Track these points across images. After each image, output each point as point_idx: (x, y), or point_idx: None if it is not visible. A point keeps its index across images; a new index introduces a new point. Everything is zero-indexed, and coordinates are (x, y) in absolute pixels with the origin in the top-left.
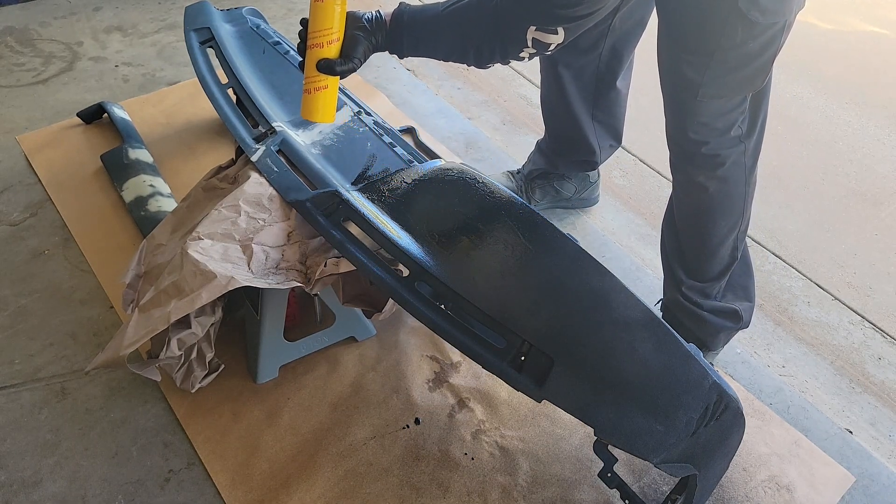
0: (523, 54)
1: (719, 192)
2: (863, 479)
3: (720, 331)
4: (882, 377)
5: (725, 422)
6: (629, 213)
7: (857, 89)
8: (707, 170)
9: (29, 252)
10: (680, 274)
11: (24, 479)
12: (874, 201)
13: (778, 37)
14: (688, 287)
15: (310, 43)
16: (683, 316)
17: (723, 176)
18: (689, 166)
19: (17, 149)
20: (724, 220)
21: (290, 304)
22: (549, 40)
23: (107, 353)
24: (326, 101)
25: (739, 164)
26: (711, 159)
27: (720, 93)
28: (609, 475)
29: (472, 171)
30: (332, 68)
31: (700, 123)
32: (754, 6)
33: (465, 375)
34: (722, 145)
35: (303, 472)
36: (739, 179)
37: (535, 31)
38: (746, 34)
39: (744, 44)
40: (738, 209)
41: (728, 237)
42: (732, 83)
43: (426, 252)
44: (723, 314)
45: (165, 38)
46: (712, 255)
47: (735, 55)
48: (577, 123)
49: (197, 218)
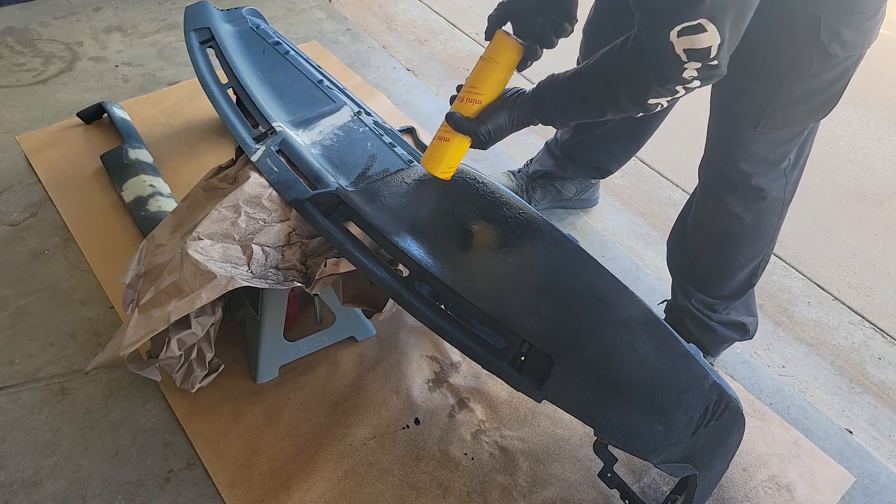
0: (687, 72)
1: (753, 224)
2: (863, 479)
3: (725, 341)
4: (882, 377)
5: (725, 422)
6: (629, 213)
7: (857, 89)
8: (748, 202)
9: (29, 252)
10: (690, 288)
11: (24, 479)
12: (874, 201)
13: (851, 69)
14: (697, 300)
15: (459, 94)
16: (691, 322)
17: (762, 208)
18: (728, 196)
19: (17, 149)
20: (750, 248)
21: (290, 304)
22: (702, 43)
23: (107, 353)
24: (442, 153)
25: (780, 197)
26: (756, 192)
27: (781, 124)
28: (609, 475)
29: (472, 171)
30: (457, 122)
31: (752, 154)
32: (836, 39)
33: (465, 375)
34: (769, 178)
35: (303, 472)
36: (776, 211)
37: (678, 36)
38: (821, 66)
39: (816, 76)
40: (767, 238)
41: (750, 263)
42: (797, 115)
43: (426, 252)
44: (731, 326)
45: (165, 38)
46: (730, 278)
47: (805, 87)
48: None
49: (197, 218)
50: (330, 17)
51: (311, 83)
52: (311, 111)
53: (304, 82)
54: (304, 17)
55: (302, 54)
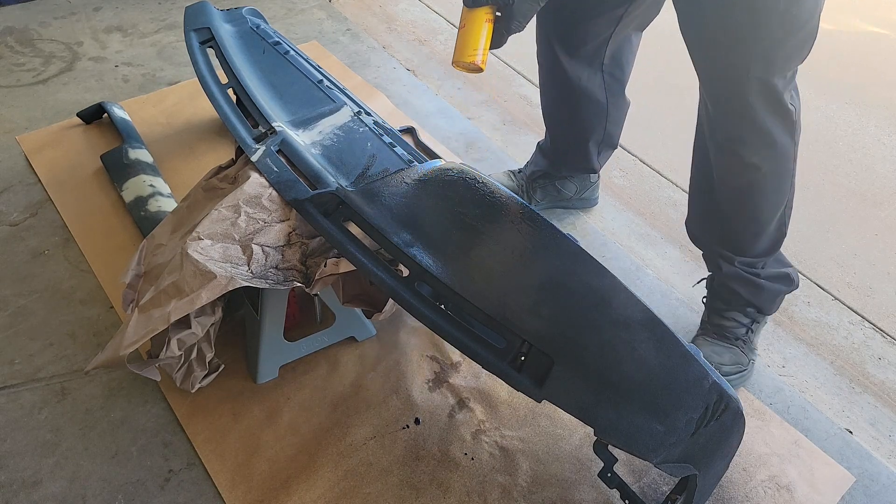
0: None
1: (771, 171)
2: (863, 479)
3: (777, 295)
4: (882, 377)
5: (725, 422)
6: (629, 213)
7: (857, 89)
8: (763, 148)
9: (29, 252)
10: (728, 254)
11: (24, 479)
12: (874, 201)
13: (820, 4)
14: (740, 262)
15: None
16: (740, 286)
17: (775, 154)
18: (742, 148)
19: (17, 149)
20: (774, 197)
21: (290, 304)
22: None
23: (107, 353)
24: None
25: (788, 142)
26: (765, 137)
27: (770, 70)
28: (609, 475)
29: (472, 171)
30: None
31: (750, 103)
32: None
33: (465, 375)
34: (772, 123)
35: (303, 472)
36: (788, 155)
37: None
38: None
39: (787, 11)
40: (786, 185)
41: (777, 212)
42: (781, 56)
43: (426, 252)
44: (778, 279)
45: (165, 38)
46: (762, 232)
47: (780, 26)
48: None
49: (197, 218)
50: (330, 17)
51: (311, 83)
52: (311, 111)
53: (304, 82)
54: (304, 17)
55: (302, 54)
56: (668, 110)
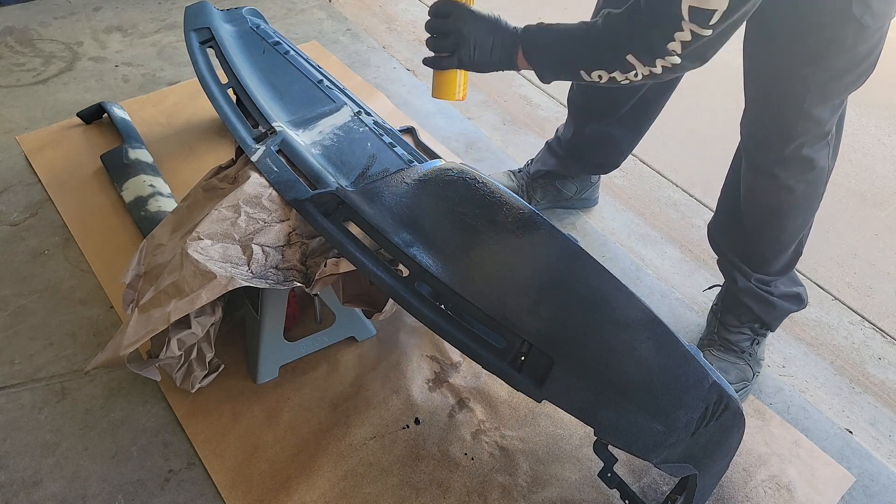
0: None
1: (804, 194)
2: (863, 479)
3: (787, 314)
4: (882, 377)
5: (725, 422)
6: (629, 213)
7: (858, 89)
8: (799, 173)
9: (29, 252)
10: (745, 268)
11: (24, 479)
12: (874, 201)
13: (883, 39)
14: (756, 279)
15: None
16: (753, 301)
17: (811, 178)
18: (780, 170)
19: (17, 149)
20: (801, 219)
21: (290, 304)
22: (709, 4)
23: (107, 353)
24: (437, 79)
25: (826, 165)
26: (806, 163)
27: (825, 100)
28: (609, 475)
29: (472, 171)
30: None
31: (799, 131)
32: (867, 11)
33: (465, 375)
34: (815, 148)
35: (303, 472)
36: (823, 180)
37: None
38: (857, 38)
39: (853, 48)
40: (815, 207)
41: (800, 234)
42: (838, 88)
43: (426, 252)
44: (789, 298)
45: (165, 38)
46: (783, 252)
47: (844, 61)
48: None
49: (197, 218)
50: (330, 17)
51: (310, 83)
52: (311, 111)
53: (304, 82)
54: (304, 17)
55: (302, 54)
56: (668, 110)
